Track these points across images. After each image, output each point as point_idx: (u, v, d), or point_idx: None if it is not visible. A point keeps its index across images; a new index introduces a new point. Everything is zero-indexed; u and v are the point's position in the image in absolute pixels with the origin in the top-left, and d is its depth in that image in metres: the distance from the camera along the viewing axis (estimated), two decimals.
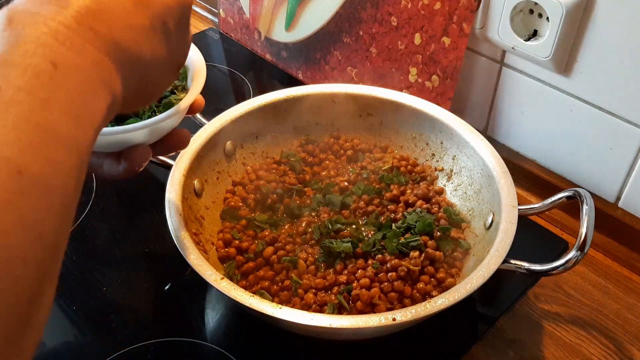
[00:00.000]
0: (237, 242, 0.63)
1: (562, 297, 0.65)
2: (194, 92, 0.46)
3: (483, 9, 0.69)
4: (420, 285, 0.58)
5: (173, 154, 0.53)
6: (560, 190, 0.60)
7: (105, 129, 0.38)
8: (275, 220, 0.66)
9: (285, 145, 0.75)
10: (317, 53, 0.92)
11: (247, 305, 0.49)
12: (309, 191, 0.70)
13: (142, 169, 0.45)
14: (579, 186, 0.71)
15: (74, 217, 0.26)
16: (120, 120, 0.45)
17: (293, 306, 0.55)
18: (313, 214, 0.67)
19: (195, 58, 0.49)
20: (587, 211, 0.54)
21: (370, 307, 0.56)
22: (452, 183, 0.70)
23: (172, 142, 0.47)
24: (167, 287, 0.64)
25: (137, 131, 0.43)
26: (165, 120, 0.45)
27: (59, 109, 0.24)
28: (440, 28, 0.74)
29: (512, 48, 0.68)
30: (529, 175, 0.76)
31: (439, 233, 0.62)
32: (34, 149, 0.23)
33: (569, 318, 0.63)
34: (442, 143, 0.71)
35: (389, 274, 0.58)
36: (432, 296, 0.54)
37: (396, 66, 0.82)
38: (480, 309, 0.63)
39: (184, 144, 0.48)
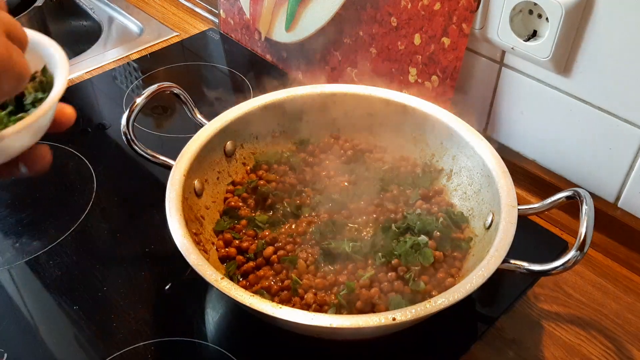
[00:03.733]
0: (237, 242, 0.63)
1: (561, 297, 0.65)
2: (46, 104, 0.39)
3: (483, 10, 0.69)
4: (421, 285, 0.58)
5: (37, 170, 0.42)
6: (560, 190, 0.60)
7: None
8: (275, 220, 0.66)
9: (286, 145, 0.76)
10: (317, 53, 0.92)
11: (247, 305, 0.49)
12: (308, 191, 0.70)
13: None
14: (578, 186, 0.71)
15: None
16: None
17: (293, 306, 0.56)
18: (313, 214, 0.67)
19: (60, 67, 0.41)
20: (586, 211, 0.54)
21: (370, 307, 0.56)
22: (452, 183, 0.70)
23: (28, 162, 0.40)
24: (167, 287, 0.65)
25: None
26: (7, 142, 0.37)
27: None
28: (440, 28, 0.74)
29: (512, 48, 0.68)
30: (529, 175, 0.76)
31: (438, 233, 0.62)
32: None
33: (568, 318, 0.63)
34: (442, 143, 0.71)
35: (389, 274, 0.59)
36: (432, 296, 0.54)
37: (396, 66, 0.82)
38: (480, 308, 0.63)
39: (43, 163, 0.41)
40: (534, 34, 0.67)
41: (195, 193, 0.64)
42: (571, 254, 0.52)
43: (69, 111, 0.43)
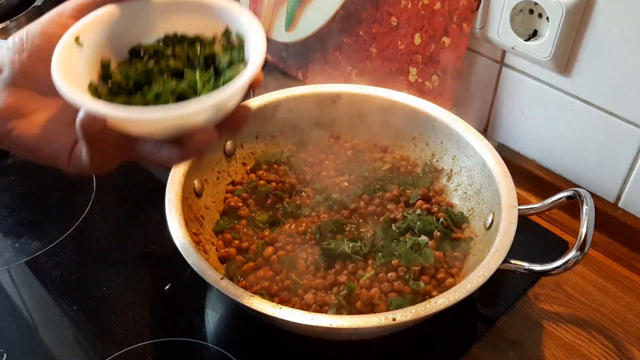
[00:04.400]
0: (237, 242, 0.63)
1: (562, 297, 0.65)
2: (256, 62, 0.38)
3: (483, 9, 0.69)
4: (421, 285, 0.58)
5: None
6: (560, 190, 0.60)
7: (161, 111, 0.35)
8: (275, 220, 0.66)
9: (286, 145, 0.75)
10: (317, 53, 0.92)
11: (247, 305, 0.49)
12: (308, 191, 0.70)
13: (204, 154, 0.39)
14: (579, 186, 0.71)
15: None
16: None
17: (293, 306, 0.55)
18: (313, 214, 0.67)
19: (249, 24, 0.41)
20: (587, 211, 0.54)
21: (370, 307, 0.56)
22: (452, 183, 0.70)
23: (235, 120, 0.40)
24: (167, 287, 0.65)
25: (201, 112, 0.36)
26: (233, 96, 0.37)
27: None
28: (440, 28, 0.74)
29: (512, 48, 0.68)
30: (529, 175, 0.76)
31: (439, 233, 0.62)
32: None
33: (569, 318, 0.63)
34: (442, 143, 0.71)
35: (389, 274, 0.58)
36: (432, 296, 0.54)
37: (396, 66, 0.82)
38: (480, 309, 0.63)
39: (245, 120, 0.41)
40: (534, 34, 0.67)
41: (195, 193, 0.64)
42: (571, 254, 0.52)
43: (260, 73, 0.41)
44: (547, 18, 0.63)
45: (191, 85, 0.39)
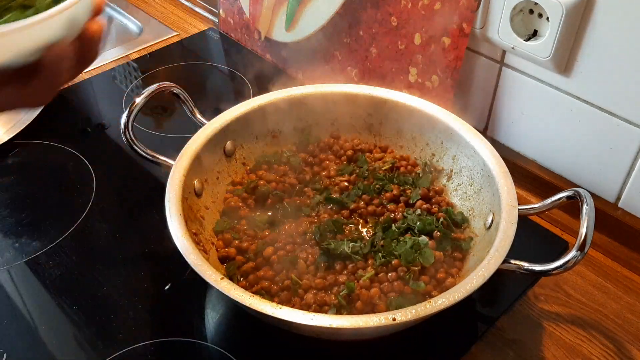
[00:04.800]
0: (237, 242, 0.63)
1: (562, 297, 0.65)
2: None
3: (483, 9, 0.69)
4: (421, 285, 0.58)
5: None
6: (560, 190, 0.60)
7: (10, 25, 0.35)
8: (275, 220, 0.66)
9: (286, 145, 0.75)
10: (317, 53, 0.92)
11: (247, 305, 0.49)
12: (309, 191, 0.70)
13: (63, 85, 0.40)
14: (579, 186, 0.71)
15: None
16: None
17: (293, 306, 0.55)
18: (313, 214, 0.67)
19: None
20: (587, 211, 0.54)
21: (370, 307, 0.56)
22: (452, 183, 0.70)
23: (88, 35, 0.42)
24: (167, 287, 0.65)
25: (53, 21, 0.37)
26: (81, 3, 0.38)
27: None
28: (440, 28, 0.74)
29: (512, 48, 0.68)
30: (529, 175, 0.76)
31: (439, 233, 0.62)
32: None
33: (569, 318, 0.63)
34: (442, 143, 0.71)
35: (389, 274, 0.58)
36: (432, 296, 0.54)
37: (396, 66, 0.82)
38: (480, 309, 0.63)
39: (100, 33, 0.43)
40: (534, 34, 0.67)
41: (195, 193, 0.64)
42: (571, 254, 0.52)
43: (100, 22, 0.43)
44: (547, 18, 0.63)
45: (40, 10, 0.39)
